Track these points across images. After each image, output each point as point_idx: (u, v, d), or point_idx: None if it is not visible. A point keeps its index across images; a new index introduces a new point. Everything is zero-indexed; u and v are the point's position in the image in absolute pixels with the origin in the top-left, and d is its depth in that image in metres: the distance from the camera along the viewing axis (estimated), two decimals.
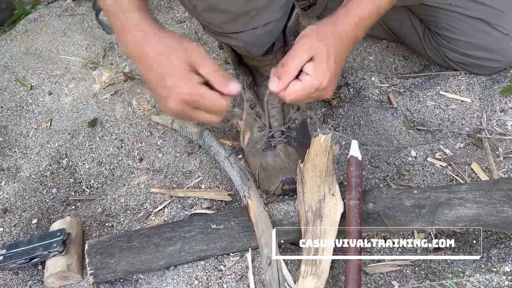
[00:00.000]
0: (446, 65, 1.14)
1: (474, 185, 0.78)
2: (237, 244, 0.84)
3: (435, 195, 0.78)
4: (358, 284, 0.73)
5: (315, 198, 0.82)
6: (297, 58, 0.71)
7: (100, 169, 1.08)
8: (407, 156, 0.99)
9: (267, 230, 0.79)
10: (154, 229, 0.85)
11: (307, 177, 0.84)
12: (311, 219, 0.80)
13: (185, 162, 1.04)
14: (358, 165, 0.82)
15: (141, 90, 1.20)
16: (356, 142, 0.85)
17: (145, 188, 1.01)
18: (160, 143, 1.09)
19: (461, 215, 0.76)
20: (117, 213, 0.98)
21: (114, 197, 1.00)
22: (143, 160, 1.07)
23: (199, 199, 0.95)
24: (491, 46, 1.02)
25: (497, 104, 1.06)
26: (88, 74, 1.32)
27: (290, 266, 0.83)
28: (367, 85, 1.16)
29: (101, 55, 1.39)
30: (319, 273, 0.75)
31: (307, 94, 0.73)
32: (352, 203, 0.79)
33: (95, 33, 1.48)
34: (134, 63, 0.69)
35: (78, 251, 0.89)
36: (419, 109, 1.09)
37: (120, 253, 0.83)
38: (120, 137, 1.12)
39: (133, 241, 0.84)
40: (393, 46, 1.28)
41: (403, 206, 0.79)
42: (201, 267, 0.84)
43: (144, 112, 1.14)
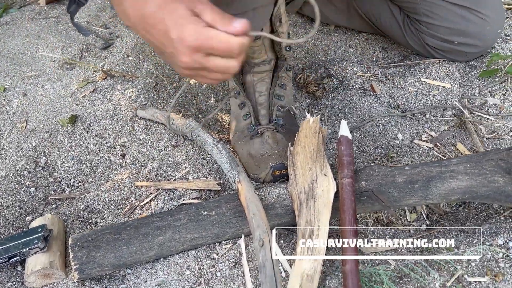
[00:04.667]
0: (426, 53, 1.16)
1: (464, 158, 0.78)
2: (230, 231, 0.81)
3: (426, 170, 0.78)
4: (355, 261, 0.71)
5: (307, 179, 0.80)
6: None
7: (81, 167, 1.04)
8: (394, 139, 0.99)
9: (258, 212, 0.77)
10: (142, 219, 0.82)
11: (298, 159, 0.83)
12: (304, 200, 0.78)
13: (171, 154, 1.01)
14: (348, 144, 0.81)
15: (121, 86, 1.17)
16: (345, 122, 0.84)
17: (130, 182, 0.97)
18: (143, 138, 1.06)
19: (454, 187, 0.76)
20: (100, 209, 0.94)
21: (96, 193, 0.96)
22: (126, 156, 1.04)
23: (187, 190, 0.92)
24: (469, 31, 1.05)
25: (476, 88, 1.09)
26: (64, 75, 1.28)
27: (284, 250, 0.81)
28: (350, 75, 1.17)
29: (77, 56, 1.36)
30: (315, 253, 0.73)
31: None
32: (345, 181, 0.78)
33: (71, 35, 1.45)
34: (137, 31, 0.65)
35: (60, 248, 0.85)
36: (402, 96, 1.10)
37: (106, 246, 0.79)
38: (100, 134, 1.08)
39: (120, 232, 0.80)
40: (373, 38, 1.30)
41: (396, 182, 0.78)
42: (192, 256, 0.81)
43: (126, 108, 1.11)
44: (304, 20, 1.38)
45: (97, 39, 1.41)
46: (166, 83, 1.20)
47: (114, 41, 1.39)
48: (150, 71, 1.24)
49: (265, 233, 0.74)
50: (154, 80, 1.19)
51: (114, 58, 1.31)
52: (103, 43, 1.38)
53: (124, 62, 1.29)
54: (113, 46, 1.37)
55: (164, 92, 1.18)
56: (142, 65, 1.28)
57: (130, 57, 1.31)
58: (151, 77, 1.21)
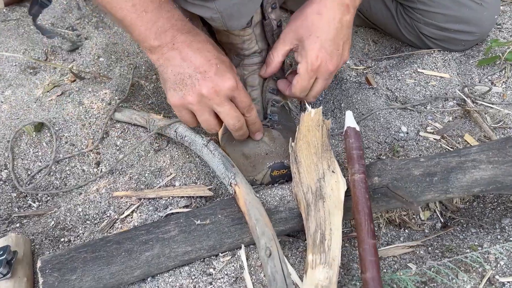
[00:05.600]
0: (420, 44, 1.10)
1: (485, 146, 0.71)
2: (228, 241, 0.71)
3: (444, 160, 0.71)
4: (376, 267, 0.62)
5: (313, 177, 0.71)
6: (279, 48, 0.81)
7: (49, 179, 0.91)
8: (398, 133, 0.92)
9: (262, 218, 0.67)
10: (125, 234, 0.70)
11: (301, 156, 0.74)
12: (312, 201, 0.69)
13: (153, 160, 0.90)
14: (357, 136, 0.73)
15: (93, 88, 1.06)
16: (351, 112, 0.76)
17: (107, 193, 0.85)
18: (120, 143, 0.95)
19: (477, 178, 0.69)
20: (74, 225, 0.82)
21: (69, 207, 0.84)
22: (101, 164, 0.92)
23: (174, 198, 0.81)
24: (466, 17, 0.99)
25: (475, 77, 1.03)
26: (27, 80, 1.15)
27: (291, 260, 0.71)
28: (342, 68, 1.09)
29: (42, 60, 1.23)
30: (329, 261, 0.63)
31: (309, 80, 0.79)
32: (356, 177, 0.69)
33: (33, 38, 1.32)
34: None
35: (27, 273, 0.72)
36: (400, 88, 1.03)
37: (83, 267, 0.67)
38: (71, 141, 0.96)
39: (99, 250, 0.68)
40: (362, 31, 1.23)
41: (412, 176, 0.70)
42: (185, 273, 0.70)
43: (99, 111, 0.99)
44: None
45: (64, 41, 1.28)
46: (142, 84, 1.09)
47: (83, 42, 1.28)
48: (124, 73, 1.13)
49: (271, 241, 0.63)
50: (129, 81, 1.08)
51: (83, 60, 1.19)
52: (71, 45, 1.26)
53: (95, 64, 1.18)
54: (82, 48, 1.25)
55: (141, 94, 1.07)
56: (115, 66, 1.16)
57: (101, 58, 1.20)
58: (125, 78, 1.10)
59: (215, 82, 0.69)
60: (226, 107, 0.72)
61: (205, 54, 0.71)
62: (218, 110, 0.72)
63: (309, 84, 0.80)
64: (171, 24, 0.70)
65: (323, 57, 0.76)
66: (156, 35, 0.69)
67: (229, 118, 0.73)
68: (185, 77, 0.70)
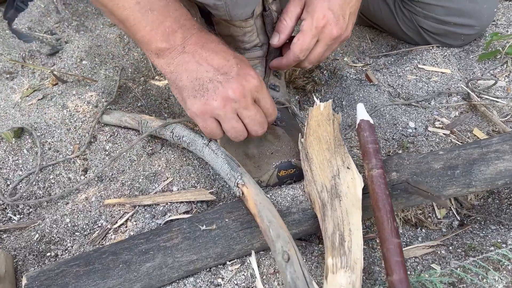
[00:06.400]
0: (418, 39, 1.07)
1: (506, 135, 0.67)
2: (237, 247, 0.64)
3: (465, 152, 0.67)
4: (403, 268, 0.57)
5: (328, 175, 0.66)
6: (291, 10, 0.75)
7: (32, 189, 0.83)
8: (406, 129, 0.87)
9: (275, 219, 0.61)
10: (121, 243, 0.63)
11: (313, 152, 0.69)
12: (328, 200, 0.63)
13: (147, 164, 0.83)
14: (371, 129, 0.68)
15: (77, 91, 0.98)
16: (362, 105, 0.71)
17: (97, 201, 0.78)
18: (109, 148, 0.87)
19: (501, 169, 0.65)
20: (61, 238, 0.74)
21: (54, 218, 0.76)
22: (89, 170, 0.85)
23: (172, 203, 0.74)
24: (466, 10, 0.97)
25: (477, 71, 1.01)
26: (4, 85, 1.07)
27: (307, 265, 0.65)
28: (341, 65, 1.05)
29: (19, 65, 1.15)
30: (351, 264, 0.58)
31: (311, 38, 0.73)
32: (374, 173, 0.64)
33: (9, 43, 1.24)
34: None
35: None
36: (402, 84, 0.99)
37: (76, 282, 0.59)
38: (55, 147, 0.88)
39: (93, 263, 0.61)
40: (357, 29, 1.20)
41: (433, 169, 0.66)
42: (190, 285, 0.63)
43: (85, 114, 0.92)
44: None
45: (42, 45, 1.20)
46: (130, 86, 1.03)
47: (63, 46, 1.20)
48: (110, 75, 1.06)
49: (288, 244, 0.57)
50: (116, 83, 1.01)
51: (65, 63, 1.12)
52: (50, 49, 1.19)
53: (77, 67, 1.10)
54: (62, 52, 1.17)
55: (129, 96, 1.00)
56: (99, 69, 1.09)
57: (84, 61, 1.12)
58: (112, 80, 1.03)
59: (240, 82, 0.63)
60: (253, 111, 0.65)
61: (222, 54, 0.64)
62: (244, 114, 0.65)
63: (311, 43, 0.73)
64: (180, 25, 0.64)
65: (329, 18, 0.72)
66: (164, 37, 0.63)
67: (253, 125, 0.67)
68: (204, 81, 0.63)
